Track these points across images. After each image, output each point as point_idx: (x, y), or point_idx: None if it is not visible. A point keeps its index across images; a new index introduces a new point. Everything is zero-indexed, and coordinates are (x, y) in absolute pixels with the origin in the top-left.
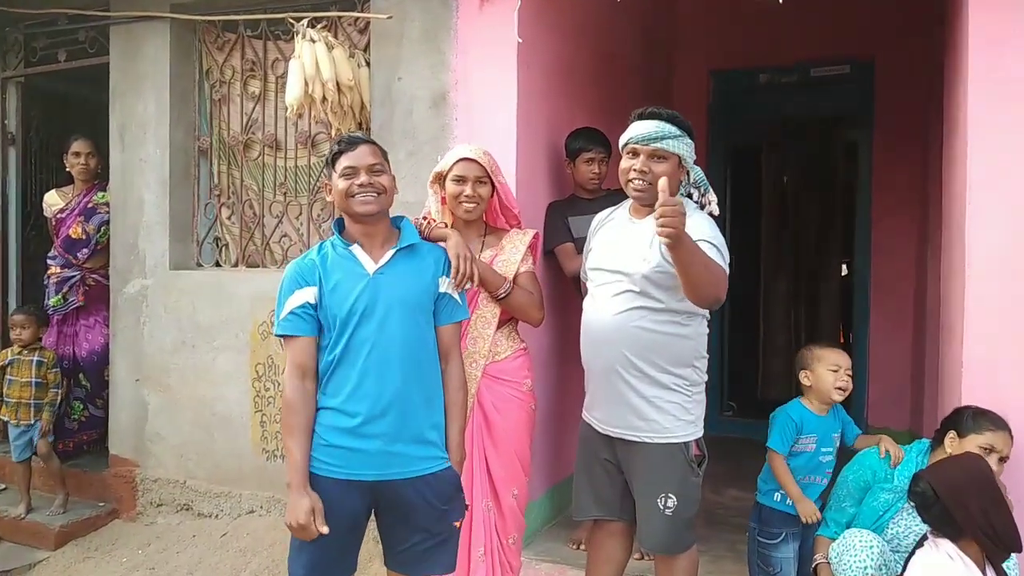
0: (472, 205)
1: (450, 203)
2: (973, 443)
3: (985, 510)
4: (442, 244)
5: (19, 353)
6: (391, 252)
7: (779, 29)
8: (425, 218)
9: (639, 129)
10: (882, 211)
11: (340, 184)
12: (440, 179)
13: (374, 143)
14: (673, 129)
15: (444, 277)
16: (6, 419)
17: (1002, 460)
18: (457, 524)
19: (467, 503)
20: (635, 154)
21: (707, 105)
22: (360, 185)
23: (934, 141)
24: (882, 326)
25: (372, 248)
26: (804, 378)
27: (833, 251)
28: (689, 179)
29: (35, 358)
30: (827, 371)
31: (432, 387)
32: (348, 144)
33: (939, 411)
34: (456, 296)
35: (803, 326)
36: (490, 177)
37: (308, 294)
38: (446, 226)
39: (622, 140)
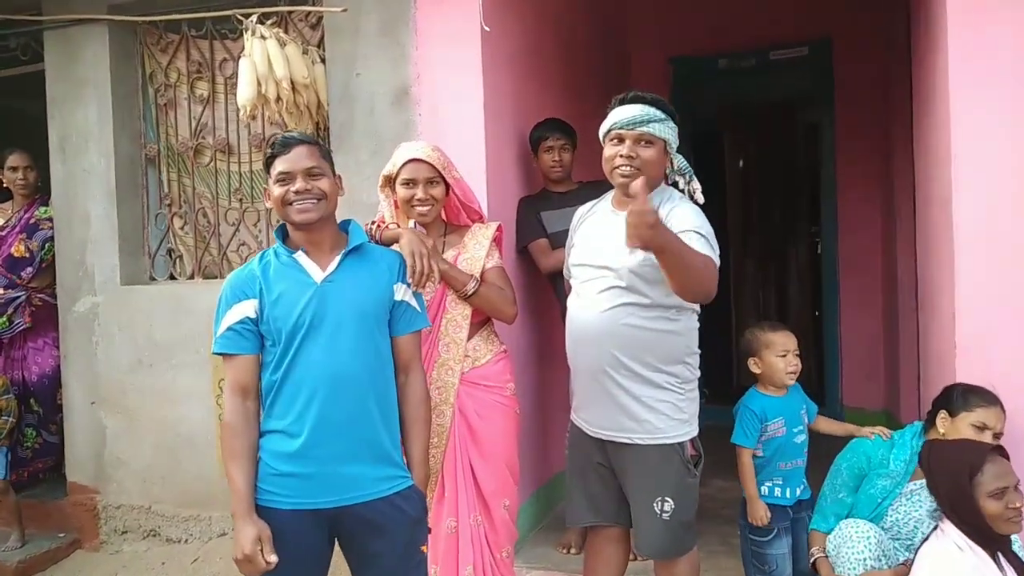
0: (426, 208)
1: (403, 207)
2: (965, 421)
3: (951, 499)
4: (396, 246)
5: None
6: (339, 258)
7: (737, 13)
8: (374, 222)
9: (623, 114)
10: (847, 189)
11: (275, 191)
12: (390, 182)
13: (312, 143)
14: (658, 113)
15: (400, 283)
16: None
17: (996, 436)
18: (424, 548)
19: (429, 527)
20: (620, 140)
21: (667, 92)
22: (296, 192)
23: (897, 115)
24: (852, 304)
25: (319, 255)
26: (753, 365)
27: (799, 232)
28: (673, 167)
29: None
30: (776, 357)
31: (390, 403)
32: (282, 147)
33: (928, 391)
34: (414, 303)
35: (773, 307)
36: (442, 175)
37: (247, 307)
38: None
39: (604, 127)
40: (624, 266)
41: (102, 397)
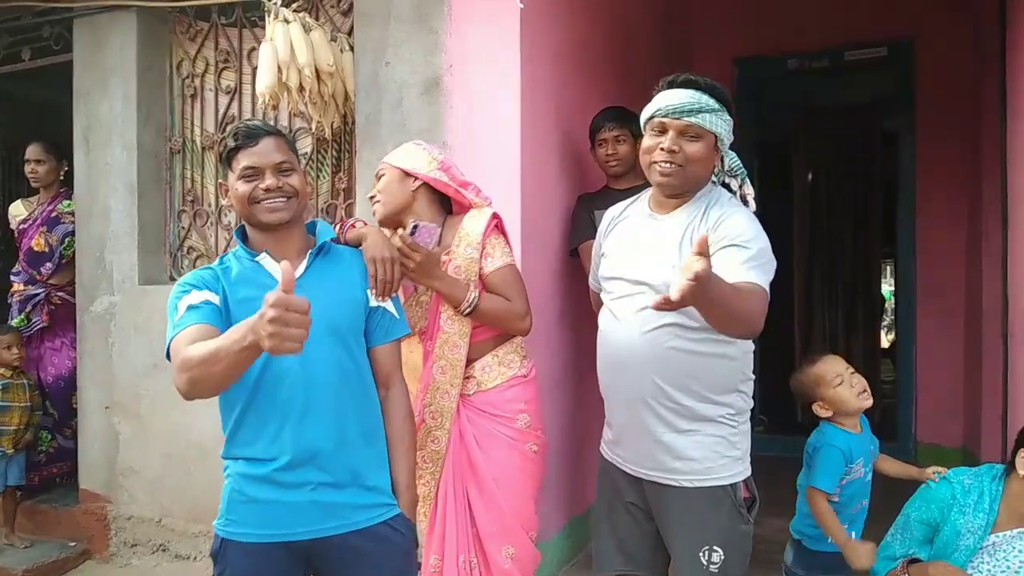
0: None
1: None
2: None
3: None
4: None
5: (11, 376)
6: (307, 259)
7: (808, 10)
8: (342, 221)
9: (669, 99)
10: (927, 205)
11: (240, 188)
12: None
13: (279, 134)
14: (711, 101)
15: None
16: (3, 449)
17: None
18: None
19: (419, 562)
20: (663, 130)
21: (731, 94)
22: (266, 189)
23: (987, 124)
24: (930, 331)
25: (284, 258)
26: (820, 409)
27: (873, 251)
28: (723, 166)
29: (26, 380)
30: (835, 389)
31: (372, 421)
32: (246, 138)
33: (1013, 428)
34: (392, 309)
35: (840, 331)
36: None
37: (210, 296)
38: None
39: (646, 113)
40: (666, 283)
41: (116, 401)
